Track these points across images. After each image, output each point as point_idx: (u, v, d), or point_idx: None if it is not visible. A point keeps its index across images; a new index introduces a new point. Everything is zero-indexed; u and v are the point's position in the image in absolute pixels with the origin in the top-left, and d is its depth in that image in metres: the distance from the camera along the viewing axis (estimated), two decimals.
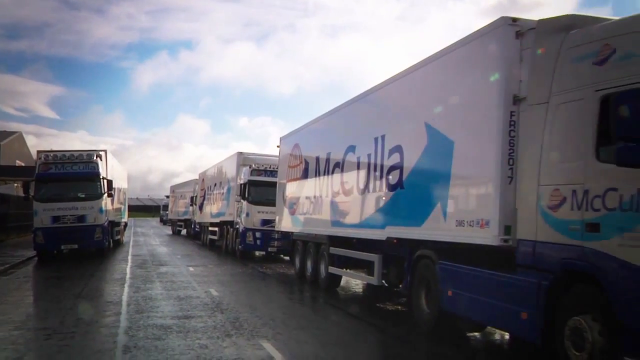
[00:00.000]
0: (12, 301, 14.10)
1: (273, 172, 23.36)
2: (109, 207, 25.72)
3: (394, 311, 12.66)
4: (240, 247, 25.40)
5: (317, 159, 16.64)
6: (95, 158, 24.48)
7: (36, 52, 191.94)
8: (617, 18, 7.16)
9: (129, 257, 25.08)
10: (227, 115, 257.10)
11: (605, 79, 6.70)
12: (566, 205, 7.07)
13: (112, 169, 27.42)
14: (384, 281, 13.17)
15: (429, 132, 10.36)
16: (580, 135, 6.95)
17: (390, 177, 11.83)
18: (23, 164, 63.19)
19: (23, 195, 26.26)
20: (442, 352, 9.02)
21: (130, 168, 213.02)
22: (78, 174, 23.92)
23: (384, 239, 11.90)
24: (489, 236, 8.46)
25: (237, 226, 26.30)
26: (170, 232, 54.30)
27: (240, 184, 25.68)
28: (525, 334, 7.81)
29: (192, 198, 43.84)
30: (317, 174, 16.59)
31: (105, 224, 24.48)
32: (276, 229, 21.42)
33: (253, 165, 25.44)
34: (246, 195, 24.81)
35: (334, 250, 14.96)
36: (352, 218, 13.77)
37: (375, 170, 12.58)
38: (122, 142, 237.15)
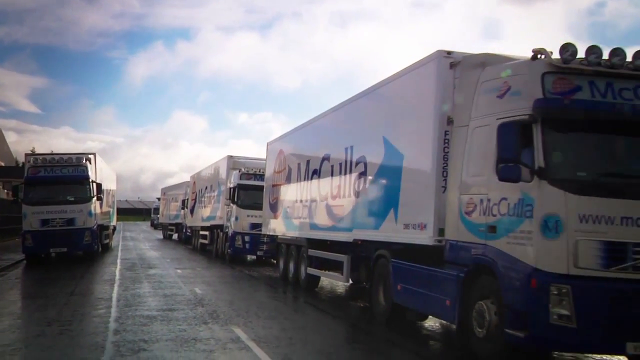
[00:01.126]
0: (9, 299, 16.77)
1: (262, 176, 25.81)
2: (98, 210, 28.36)
3: (361, 307, 15.20)
4: (229, 251, 28.05)
5: (299, 165, 19.23)
6: (84, 161, 27.09)
7: (15, 41, 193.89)
8: (517, 60, 9.66)
9: (118, 261, 27.72)
10: (227, 112, 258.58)
11: (502, 110, 9.22)
12: (476, 211, 9.60)
13: (101, 172, 30.11)
14: (365, 283, 15.60)
15: (385, 145, 12.91)
16: (486, 154, 9.47)
17: (356, 184, 14.40)
18: (3, 164, 66.05)
19: (11, 198, 28.90)
20: (390, 338, 11.55)
21: (120, 168, 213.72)
22: (67, 177, 26.49)
23: (351, 240, 14.49)
24: (426, 237, 10.99)
25: (227, 230, 28.94)
26: (161, 237, 56.93)
27: (230, 188, 28.31)
28: (448, 318, 10.38)
29: (183, 201, 46.47)
30: (299, 179, 19.17)
31: (95, 227, 27.09)
32: (263, 232, 24.02)
33: (243, 169, 28.05)
34: (235, 199, 27.40)
35: (312, 252, 17.52)
36: (327, 222, 16.34)
37: (345, 177, 15.15)
38: (112, 140, 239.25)
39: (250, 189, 27.01)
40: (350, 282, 16.44)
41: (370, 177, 13.68)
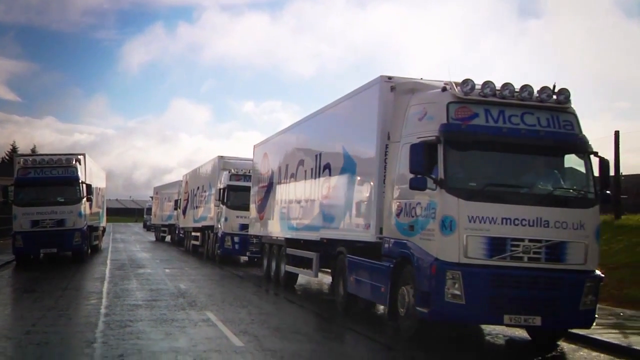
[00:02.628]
0: (7, 293, 20.67)
1: (251, 177, 29.56)
2: (88, 211, 32.18)
3: (330, 300, 18.91)
4: (219, 251, 31.92)
5: (279, 168, 23.00)
6: (74, 162, 30.89)
7: None
8: (435, 90, 13.26)
9: (108, 261, 31.65)
10: (232, 101, 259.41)
11: (420, 130, 12.86)
12: (402, 213, 13.27)
13: (90, 172, 33.98)
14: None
15: (344, 154, 16.61)
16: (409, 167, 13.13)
17: (323, 187, 18.12)
18: None
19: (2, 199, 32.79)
20: (338, 320, 15.29)
21: (112, 163, 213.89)
22: (57, 179, 30.29)
23: (319, 239, 18.22)
24: (369, 235, 14.69)
25: (217, 231, 32.76)
26: (154, 239, 60.83)
27: (220, 189, 32.13)
28: (383, 302, 14.08)
29: (176, 201, 50.29)
30: (279, 182, 22.94)
31: (84, 228, 30.89)
32: (249, 233, 27.83)
33: (232, 170, 31.85)
34: (225, 200, 31.21)
35: (289, 250, 21.24)
36: (301, 222, 20.07)
37: (315, 181, 18.87)
38: (103, 132, 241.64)
39: (239, 189, 30.69)
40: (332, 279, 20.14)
41: (333, 182, 17.39)
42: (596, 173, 12.51)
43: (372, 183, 14.80)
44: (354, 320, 15.33)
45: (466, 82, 12.30)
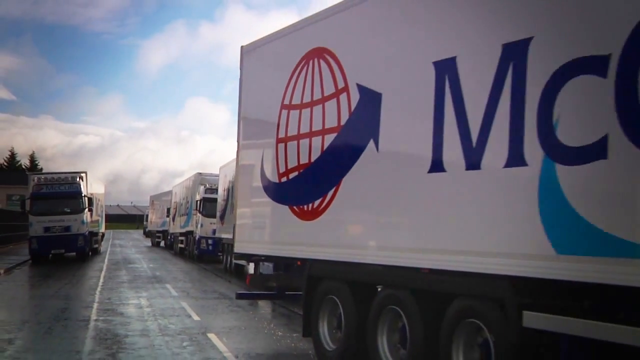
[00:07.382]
0: (33, 278, 32.26)
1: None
2: (89, 219, 43.63)
3: None
4: (196, 252, 43.42)
5: (232, 187, 34.47)
6: (78, 179, 42.42)
7: None
8: None
9: (106, 260, 43.28)
10: None
11: None
12: None
13: (90, 186, 45.55)
14: None
15: None
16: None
17: None
18: None
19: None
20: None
21: (119, 167, 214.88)
22: (64, 193, 41.68)
23: None
24: None
25: (195, 235, 44.30)
26: (150, 244, 72.26)
27: (197, 200, 43.64)
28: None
29: (167, 210, 61.78)
30: (230, 198, 34.39)
31: (86, 233, 42.32)
32: (216, 236, 39.39)
33: (207, 185, 43.32)
34: (201, 210, 42.66)
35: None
36: None
37: None
38: (112, 133, 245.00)
39: (212, 201, 41.72)
40: None
41: None
42: None
43: None
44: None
45: None
